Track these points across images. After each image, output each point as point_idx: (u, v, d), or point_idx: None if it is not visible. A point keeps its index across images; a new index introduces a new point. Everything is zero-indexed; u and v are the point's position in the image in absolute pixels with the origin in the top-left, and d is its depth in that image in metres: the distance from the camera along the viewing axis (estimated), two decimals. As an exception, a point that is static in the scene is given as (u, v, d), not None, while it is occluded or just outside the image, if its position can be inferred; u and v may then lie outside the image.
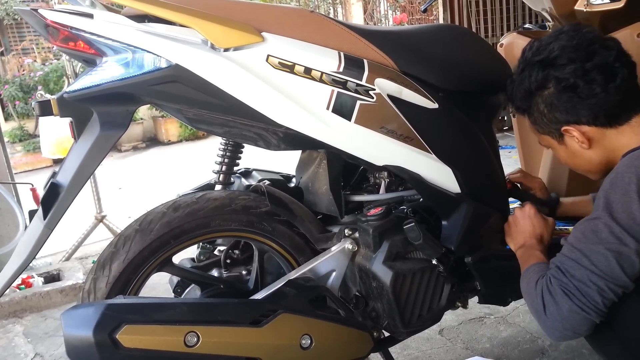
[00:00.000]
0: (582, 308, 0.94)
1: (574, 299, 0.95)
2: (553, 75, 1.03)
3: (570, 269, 0.96)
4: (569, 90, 1.02)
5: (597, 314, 0.95)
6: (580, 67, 1.01)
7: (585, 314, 0.95)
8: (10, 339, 2.15)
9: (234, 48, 1.02)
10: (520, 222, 1.20)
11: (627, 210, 0.92)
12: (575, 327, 0.97)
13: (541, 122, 1.10)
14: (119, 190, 4.68)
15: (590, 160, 1.09)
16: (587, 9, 1.53)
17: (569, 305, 0.95)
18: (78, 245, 2.95)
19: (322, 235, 1.25)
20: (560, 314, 0.97)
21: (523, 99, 1.11)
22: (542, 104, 1.07)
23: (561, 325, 0.98)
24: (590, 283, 0.94)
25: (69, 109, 1.03)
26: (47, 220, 1.03)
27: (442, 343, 1.77)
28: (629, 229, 0.92)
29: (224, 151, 1.33)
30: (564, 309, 0.96)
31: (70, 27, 0.99)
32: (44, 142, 2.89)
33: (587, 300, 0.94)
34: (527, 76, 1.08)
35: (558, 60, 1.03)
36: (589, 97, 1.01)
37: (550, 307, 0.98)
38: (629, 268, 0.92)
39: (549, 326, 1.00)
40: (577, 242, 0.97)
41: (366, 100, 1.09)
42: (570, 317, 0.96)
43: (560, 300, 0.96)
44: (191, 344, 0.99)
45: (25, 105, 7.19)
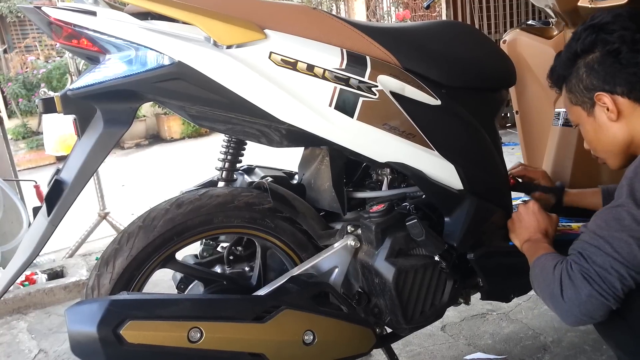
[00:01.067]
0: (601, 294, 0.95)
1: (594, 285, 0.95)
2: (602, 38, 1.05)
3: (592, 255, 0.97)
4: (612, 55, 1.03)
5: (615, 300, 0.95)
6: (630, 35, 1.02)
7: (603, 299, 0.95)
8: (15, 335, 2.16)
9: (236, 45, 1.02)
10: (524, 218, 1.21)
11: None
12: (592, 312, 0.98)
13: (576, 90, 1.10)
14: (122, 188, 4.69)
15: (613, 137, 1.08)
16: (592, 5, 1.52)
17: (588, 290, 0.96)
18: (81, 242, 2.96)
19: (324, 232, 1.26)
20: (579, 298, 0.97)
21: (566, 64, 1.11)
22: (583, 67, 1.08)
23: (578, 310, 0.98)
24: (611, 269, 0.94)
25: (73, 106, 1.04)
26: (51, 217, 1.03)
27: (444, 339, 1.78)
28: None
29: (226, 148, 1.34)
30: (583, 293, 0.96)
31: (73, 24, 0.99)
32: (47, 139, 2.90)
33: (607, 287, 0.94)
34: (576, 39, 1.09)
35: (610, 26, 1.04)
36: (629, 66, 1.02)
37: (569, 291, 0.98)
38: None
39: (566, 310, 1.00)
40: (599, 230, 0.98)
41: (369, 97, 1.09)
42: (588, 302, 0.96)
43: (580, 285, 0.97)
44: (195, 340, 0.99)
45: (29, 102, 7.20)
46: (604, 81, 1.05)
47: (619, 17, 1.04)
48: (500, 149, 1.32)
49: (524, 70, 1.71)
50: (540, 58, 1.67)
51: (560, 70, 1.13)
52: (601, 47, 1.05)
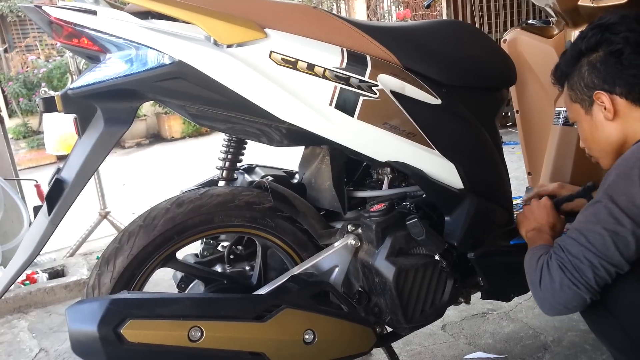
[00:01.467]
0: (573, 282, 0.98)
1: (567, 273, 0.99)
2: (607, 37, 1.06)
3: (569, 246, 1.01)
4: (615, 56, 1.05)
5: (588, 290, 0.98)
6: (635, 36, 1.04)
7: (576, 289, 0.98)
8: (15, 334, 2.16)
9: (236, 44, 1.02)
10: (535, 211, 1.23)
11: (627, 193, 0.96)
12: (566, 301, 1.01)
13: (577, 87, 1.12)
14: (122, 187, 4.69)
15: (608, 136, 1.09)
16: (592, 4, 1.52)
17: (561, 278, 1.00)
18: (82, 241, 2.96)
19: (325, 231, 1.26)
20: (553, 287, 1.01)
21: (570, 61, 1.13)
22: (586, 66, 1.09)
23: (553, 298, 1.02)
24: (584, 259, 0.98)
25: (73, 105, 1.04)
26: (51, 216, 1.03)
27: (444, 338, 1.78)
28: (627, 210, 0.95)
29: (227, 147, 1.34)
30: (557, 282, 1.00)
31: (74, 23, 0.99)
32: (48, 138, 2.90)
33: (579, 275, 0.98)
34: (582, 38, 1.11)
35: (617, 26, 1.06)
36: (630, 67, 1.03)
37: (545, 279, 1.03)
38: (623, 248, 0.95)
39: (542, 298, 1.05)
40: (578, 224, 1.02)
41: (369, 96, 1.09)
42: (562, 291, 1.00)
43: (555, 274, 1.01)
44: (195, 339, 1.00)
45: (29, 102, 7.20)
46: (605, 80, 1.06)
47: (626, 18, 1.05)
48: (500, 148, 1.32)
49: (524, 70, 1.71)
50: (541, 57, 1.67)
51: (564, 67, 1.15)
52: (605, 47, 1.06)
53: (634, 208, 0.94)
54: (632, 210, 0.94)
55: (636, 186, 0.94)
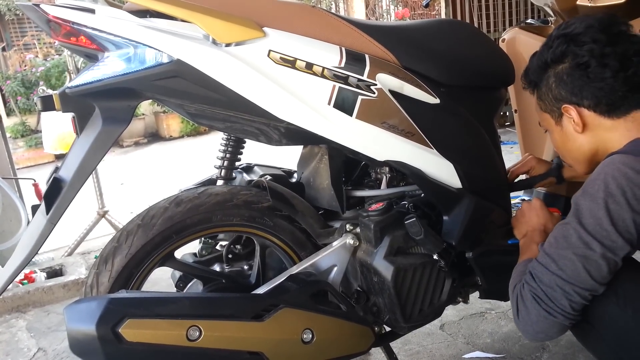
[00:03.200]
0: (549, 312, 0.97)
1: (542, 304, 0.97)
2: (572, 50, 1.04)
3: (540, 274, 0.99)
4: (581, 68, 1.03)
5: (566, 317, 0.97)
6: (599, 48, 1.02)
7: (553, 318, 0.97)
8: (14, 333, 2.16)
9: (235, 43, 1.02)
10: (525, 214, 1.22)
11: (594, 216, 0.94)
12: (545, 330, 1.00)
13: (546, 98, 1.11)
14: (121, 186, 4.69)
15: (579, 147, 1.09)
16: (591, 4, 1.52)
17: (537, 310, 0.98)
18: (80, 240, 2.96)
19: (323, 231, 1.26)
20: (530, 318, 1.00)
21: (537, 71, 1.12)
22: (553, 77, 1.08)
23: (532, 328, 1.01)
24: (557, 287, 0.96)
25: (71, 104, 1.04)
26: (49, 215, 1.03)
27: (443, 338, 1.78)
28: (596, 233, 0.93)
29: (225, 146, 1.34)
30: (533, 313, 0.99)
31: (72, 22, 0.99)
32: (46, 137, 2.89)
33: (554, 305, 0.96)
34: (548, 48, 1.09)
35: (581, 37, 1.04)
36: (597, 80, 1.02)
37: (522, 311, 1.01)
38: (595, 272, 0.93)
39: (522, 329, 1.03)
40: (548, 247, 1.00)
41: (367, 95, 1.09)
42: (539, 322, 0.98)
43: (530, 306, 0.99)
44: (193, 338, 0.99)
45: (27, 100, 7.20)
46: (572, 93, 1.05)
47: (591, 28, 1.03)
48: (499, 148, 1.32)
49: (522, 69, 1.70)
50: (539, 57, 1.66)
51: (532, 75, 1.14)
52: (571, 59, 1.04)
53: (602, 231, 0.93)
54: (600, 233, 0.93)
55: (601, 209, 0.93)
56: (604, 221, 0.92)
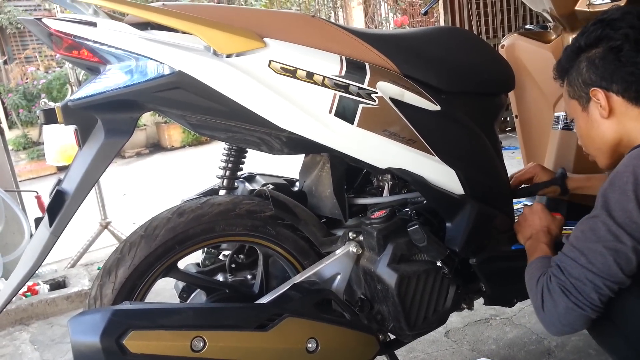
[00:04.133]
0: (578, 305, 0.96)
1: (571, 297, 0.97)
2: (607, 34, 1.05)
3: (569, 267, 0.98)
4: (613, 52, 1.04)
5: (593, 310, 0.96)
6: (635, 34, 1.02)
7: (581, 311, 0.96)
8: (17, 346, 2.16)
9: (236, 54, 1.02)
10: (528, 218, 1.23)
11: (624, 209, 0.94)
12: (572, 323, 0.99)
13: (575, 83, 1.11)
14: (123, 197, 4.69)
15: (603, 135, 1.08)
16: (589, 9, 1.53)
17: (565, 302, 0.97)
18: (83, 252, 2.96)
19: (326, 239, 1.26)
20: (558, 311, 0.99)
21: (570, 57, 1.12)
22: (585, 61, 1.08)
23: (558, 321, 1.00)
24: (587, 281, 0.95)
25: (74, 116, 1.04)
26: (53, 227, 1.03)
27: (448, 345, 1.77)
28: (626, 226, 0.93)
29: (227, 156, 1.34)
30: (561, 306, 0.98)
31: (73, 35, 1.00)
32: (48, 149, 2.91)
33: (583, 298, 0.96)
34: (582, 33, 1.10)
35: (617, 22, 1.04)
36: (628, 64, 1.02)
37: (548, 304, 1.00)
38: (625, 265, 0.93)
39: (547, 322, 1.03)
40: (576, 241, 0.99)
41: (368, 103, 1.10)
42: (567, 314, 0.98)
43: (558, 298, 0.98)
44: (197, 349, 0.99)
45: (29, 113, 7.22)
46: (602, 77, 1.05)
47: (628, 14, 1.04)
48: (500, 153, 1.32)
49: (522, 75, 1.71)
50: (539, 62, 1.67)
51: (564, 62, 1.14)
52: (605, 43, 1.05)
53: (632, 224, 0.92)
54: (631, 226, 0.92)
55: (632, 201, 0.93)
56: (634, 214, 0.92)
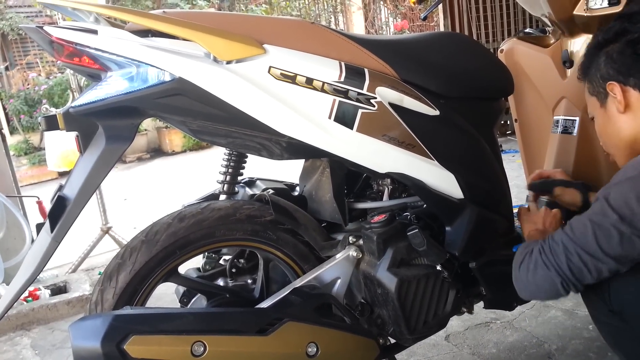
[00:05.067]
0: (546, 264, 1.03)
1: (542, 255, 1.04)
2: (625, 27, 1.06)
3: (554, 234, 1.06)
4: (631, 46, 1.04)
5: (559, 274, 1.01)
6: None
7: (547, 270, 1.03)
8: (18, 351, 2.16)
9: (236, 60, 1.03)
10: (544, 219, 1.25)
11: (623, 196, 0.96)
12: (537, 282, 1.06)
13: (594, 79, 1.12)
14: (124, 202, 4.70)
15: (619, 131, 1.08)
16: (587, 14, 1.54)
17: (536, 259, 1.05)
18: (84, 257, 2.96)
19: (326, 243, 1.26)
20: (529, 267, 1.07)
21: (590, 53, 1.13)
22: (604, 56, 1.09)
23: (526, 277, 1.08)
24: (561, 243, 1.02)
25: (75, 123, 1.05)
26: (54, 233, 1.04)
27: (448, 349, 1.77)
28: (618, 208, 0.95)
29: (227, 161, 1.35)
30: (532, 262, 1.06)
31: (75, 43, 1.00)
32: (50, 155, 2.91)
33: (552, 258, 1.02)
34: (604, 30, 1.11)
35: (636, 16, 1.06)
36: None
37: (525, 261, 1.09)
38: (603, 239, 0.96)
39: (517, 278, 1.11)
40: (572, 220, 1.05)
41: (368, 108, 1.10)
42: (535, 272, 1.05)
43: (533, 256, 1.07)
44: (198, 354, 0.99)
45: (30, 118, 7.24)
46: (619, 71, 1.05)
47: None
48: (499, 158, 1.32)
49: (521, 79, 1.72)
50: (538, 66, 1.68)
51: (585, 60, 1.15)
52: (623, 37, 1.05)
53: (626, 209, 0.94)
54: (623, 210, 0.95)
55: (631, 191, 0.94)
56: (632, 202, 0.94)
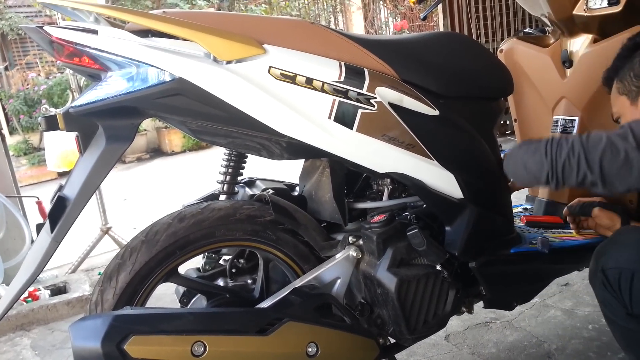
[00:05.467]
0: (547, 151, 1.05)
1: (548, 145, 1.06)
2: None
3: (570, 135, 1.07)
4: None
5: (551, 165, 1.04)
6: None
7: (544, 156, 1.05)
8: (18, 352, 2.16)
9: (236, 60, 1.03)
10: None
11: None
12: (529, 163, 1.09)
13: (626, 78, 1.15)
14: (124, 202, 4.70)
15: None
16: (587, 14, 1.54)
17: (541, 145, 1.07)
18: (84, 257, 2.96)
19: (326, 243, 1.26)
20: (530, 148, 1.10)
21: (624, 54, 1.17)
22: (637, 57, 1.13)
23: (522, 156, 1.11)
24: (570, 142, 1.04)
25: (75, 123, 1.05)
26: (54, 233, 1.04)
27: (448, 349, 1.77)
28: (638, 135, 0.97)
29: (227, 161, 1.35)
30: (535, 146, 1.08)
31: (75, 43, 1.00)
32: (49, 155, 2.91)
33: (556, 150, 1.04)
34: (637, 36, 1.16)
35: None
36: None
37: (533, 144, 1.11)
38: (609, 156, 0.98)
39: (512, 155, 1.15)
40: (593, 131, 1.06)
41: (367, 108, 1.10)
42: (534, 155, 1.08)
43: (541, 143, 1.08)
44: (198, 354, 1.00)
45: (30, 119, 7.24)
46: None
47: None
48: (499, 157, 1.32)
49: (521, 79, 1.72)
50: (538, 66, 1.68)
51: (617, 62, 1.19)
52: None
53: None
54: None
55: None
56: None
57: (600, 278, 1.07)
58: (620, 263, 1.04)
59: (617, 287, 1.03)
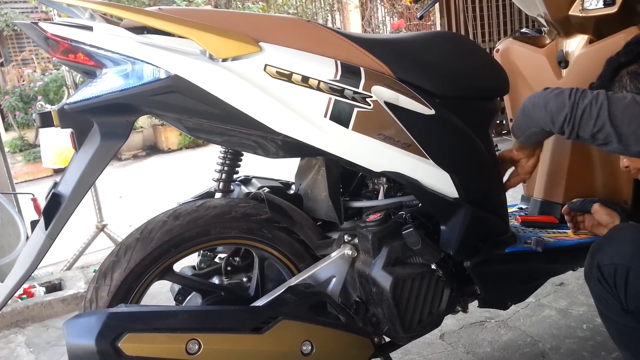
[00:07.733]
0: (571, 96, 1.06)
1: (574, 90, 1.07)
2: None
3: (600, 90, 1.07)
4: None
5: (571, 111, 1.05)
6: None
7: (567, 100, 1.06)
8: (13, 349, 2.15)
9: (232, 58, 1.03)
10: None
11: None
12: (550, 104, 1.10)
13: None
14: (119, 199, 4.69)
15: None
16: (582, 14, 1.54)
17: (567, 90, 1.08)
18: (79, 254, 2.96)
19: (321, 242, 1.26)
20: (554, 90, 1.11)
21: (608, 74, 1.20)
22: (627, 75, 1.16)
23: (545, 96, 1.12)
24: (596, 93, 1.04)
25: (70, 120, 1.04)
26: (49, 230, 1.04)
27: (443, 348, 1.78)
28: None
29: (223, 159, 1.34)
30: (561, 90, 1.09)
31: (70, 39, 1.00)
32: (45, 152, 2.90)
33: (580, 96, 1.05)
34: (621, 53, 1.19)
35: None
36: None
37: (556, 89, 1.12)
38: (629, 114, 1.01)
39: (537, 95, 1.15)
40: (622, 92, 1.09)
41: (363, 107, 1.10)
42: (558, 97, 1.09)
43: (568, 89, 1.08)
44: (193, 352, 0.99)
45: (26, 115, 7.22)
46: None
47: None
48: (495, 157, 1.33)
49: (517, 79, 1.72)
50: (533, 66, 1.68)
51: (602, 81, 1.20)
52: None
53: None
54: None
55: None
56: None
57: (596, 274, 1.08)
58: (615, 259, 1.05)
59: (613, 283, 1.03)
